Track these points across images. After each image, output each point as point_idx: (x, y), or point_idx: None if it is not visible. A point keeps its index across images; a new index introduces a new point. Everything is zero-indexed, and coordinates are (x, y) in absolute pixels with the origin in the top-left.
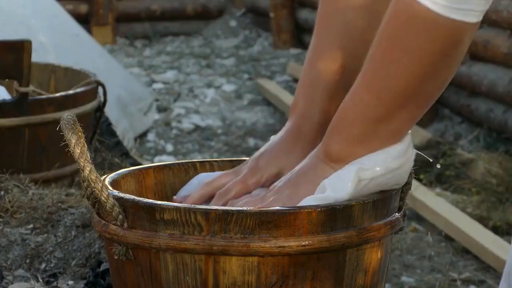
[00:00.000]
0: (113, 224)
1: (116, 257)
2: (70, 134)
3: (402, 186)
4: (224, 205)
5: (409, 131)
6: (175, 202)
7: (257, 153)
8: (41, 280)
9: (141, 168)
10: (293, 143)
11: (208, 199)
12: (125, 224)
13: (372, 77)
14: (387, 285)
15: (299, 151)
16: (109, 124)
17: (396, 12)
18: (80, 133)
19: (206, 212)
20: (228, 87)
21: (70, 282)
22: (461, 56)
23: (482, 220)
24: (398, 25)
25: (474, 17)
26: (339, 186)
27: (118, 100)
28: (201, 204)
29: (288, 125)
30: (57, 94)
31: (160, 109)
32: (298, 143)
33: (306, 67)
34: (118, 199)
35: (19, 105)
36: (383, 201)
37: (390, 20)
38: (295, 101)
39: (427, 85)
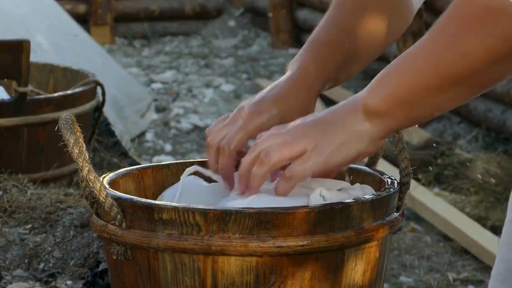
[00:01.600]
0: (112, 224)
1: (114, 257)
2: (68, 134)
3: (401, 186)
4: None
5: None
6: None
7: (256, 97)
8: (39, 280)
9: (139, 168)
10: (300, 82)
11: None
12: (124, 224)
13: (433, 49)
14: (385, 285)
15: (305, 90)
16: (108, 124)
17: None
18: (78, 133)
19: (205, 212)
20: (227, 87)
21: (69, 282)
22: None
23: (480, 220)
24: (473, 9)
25: None
26: None
27: (114, 102)
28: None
29: (291, 70)
30: (56, 94)
31: (159, 109)
32: (305, 81)
33: (314, 33)
34: (117, 199)
35: (18, 105)
36: (382, 201)
37: (466, 2)
38: (297, 55)
39: (488, 73)
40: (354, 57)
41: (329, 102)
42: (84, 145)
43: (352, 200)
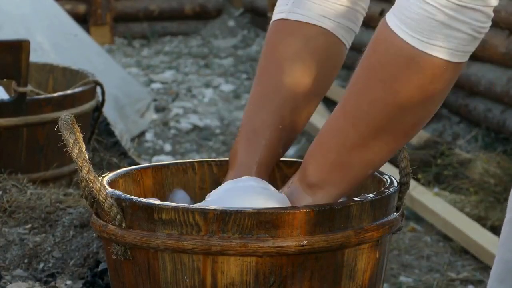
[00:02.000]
0: (111, 224)
1: (114, 257)
2: (68, 134)
3: (400, 186)
4: None
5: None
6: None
7: None
8: (39, 280)
9: (139, 168)
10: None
11: None
12: (123, 224)
13: (348, 104)
14: (385, 285)
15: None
16: (107, 124)
17: (376, 43)
18: (78, 133)
19: (204, 212)
20: (226, 87)
21: (68, 282)
22: (440, 95)
23: (480, 220)
24: (376, 57)
25: (455, 57)
26: None
27: (115, 102)
28: None
29: (228, 177)
30: (55, 94)
31: (158, 109)
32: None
33: (246, 116)
34: (116, 199)
35: (18, 105)
36: (381, 201)
37: (369, 50)
38: (233, 150)
39: (403, 119)
40: (291, 128)
41: (329, 102)
42: (84, 145)
43: (352, 200)
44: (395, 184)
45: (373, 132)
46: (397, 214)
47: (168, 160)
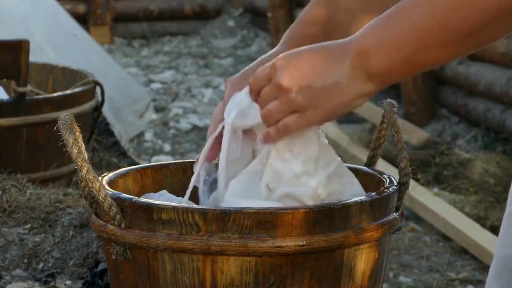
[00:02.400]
0: (111, 224)
1: (114, 257)
2: (67, 134)
3: (400, 186)
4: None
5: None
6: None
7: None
8: (39, 280)
9: (138, 168)
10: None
11: None
12: (123, 224)
13: (440, 6)
14: (384, 285)
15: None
16: (107, 124)
17: None
18: (77, 133)
19: (204, 212)
20: None
21: (68, 282)
22: None
23: (480, 220)
24: None
25: None
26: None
27: (113, 103)
28: None
29: (281, 42)
30: (55, 94)
31: (158, 109)
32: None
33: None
34: (116, 199)
35: (17, 105)
36: (381, 201)
37: None
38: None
39: (494, 27)
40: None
41: None
42: (83, 145)
43: (352, 200)
44: (395, 184)
45: (461, 37)
46: (397, 214)
47: (167, 160)
